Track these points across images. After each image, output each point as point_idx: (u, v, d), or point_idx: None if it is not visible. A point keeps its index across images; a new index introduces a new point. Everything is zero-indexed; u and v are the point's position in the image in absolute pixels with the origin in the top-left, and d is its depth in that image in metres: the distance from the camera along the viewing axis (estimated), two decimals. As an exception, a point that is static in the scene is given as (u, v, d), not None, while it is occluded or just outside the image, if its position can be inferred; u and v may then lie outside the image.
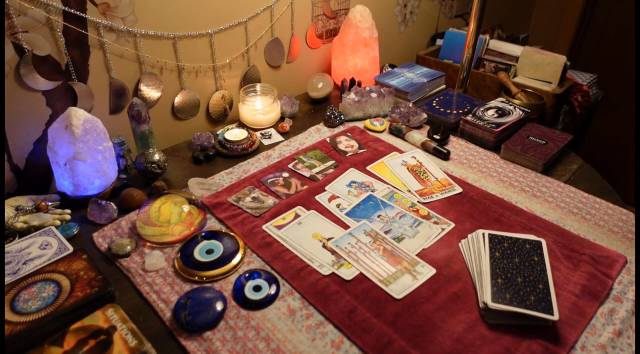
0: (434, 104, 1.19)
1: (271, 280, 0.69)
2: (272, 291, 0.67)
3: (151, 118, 0.95)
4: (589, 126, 2.08)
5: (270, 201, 0.85)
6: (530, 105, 1.25)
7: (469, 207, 0.84)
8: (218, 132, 1.07)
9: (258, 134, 1.09)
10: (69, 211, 0.82)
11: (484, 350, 0.59)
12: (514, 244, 0.71)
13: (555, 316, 0.60)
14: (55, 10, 0.79)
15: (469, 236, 0.76)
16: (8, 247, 0.73)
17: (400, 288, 0.67)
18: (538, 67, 1.38)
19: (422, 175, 0.94)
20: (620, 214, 0.84)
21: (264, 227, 0.79)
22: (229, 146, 1.01)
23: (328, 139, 1.06)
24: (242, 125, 1.13)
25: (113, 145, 0.88)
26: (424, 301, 0.65)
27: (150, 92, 1.00)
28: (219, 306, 0.63)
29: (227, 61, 1.11)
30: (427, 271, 0.70)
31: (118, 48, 0.91)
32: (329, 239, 0.76)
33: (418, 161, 0.98)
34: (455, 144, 1.06)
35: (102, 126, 0.83)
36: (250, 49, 1.14)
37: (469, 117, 1.06)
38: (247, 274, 0.70)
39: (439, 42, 1.63)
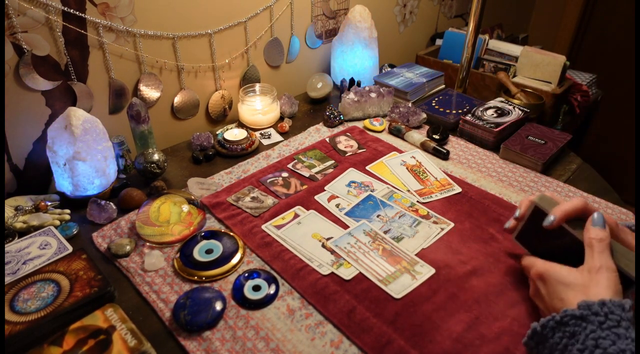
0: (434, 104, 1.19)
1: (270, 280, 0.69)
2: (272, 290, 0.67)
3: (150, 118, 0.95)
4: (588, 126, 2.08)
5: (269, 200, 0.85)
6: (529, 105, 1.25)
7: (469, 207, 0.85)
8: (217, 132, 1.07)
9: (257, 134, 1.09)
10: (68, 211, 0.82)
11: (483, 350, 0.59)
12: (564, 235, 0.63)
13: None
14: (54, 10, 0.80)
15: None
16: (7, 247, 0.73)
17: (400, 287, 0.67)
18: (537, 67, 1.38)
19: (422, 175, 0.94)
20: (620, 213, 0.84)
21: (263, 227, 0.79)
22: (228, 145, 1.01)
23: (327, 139, 1.06)
24: (241, 125, 1.13)
25: (112, 145, 0.88)
26: (423, 301, 0.65)
27: (150, 92, 1.00)
28: (218, 306, 0.63)
29: (227, 61, 1.11)
30: (426, 271, 0.70)
31: (117, 48, 0.91)
32: (328, 239, 0.76)
33: (417, 160, 0.98)
34: (455, 144, 1.06)
35: (101, 126, 0.83)
36: (249, 49, 1.14)
37: (469, 117, 1.06)
38: (246, 274, 0.70)
39: (439, 42, 1.63)
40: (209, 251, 0.73)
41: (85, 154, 0.79)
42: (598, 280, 0.51)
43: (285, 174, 0.94)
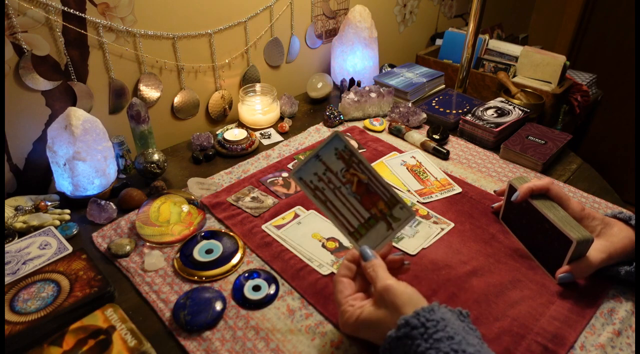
0: (434, 104, 1.19)
1: (270, 280, 0.69)
2: (272, 290, 0.67)
3: (150, 118, 0.95)
4: (588, 125, 2.08)
5: (269, 200, 0.85)
6: (529, 105, 1.25)
7: (469, 207, 0.84)
8: (217, 132, 1.07)
9: (257, 134, 1.09)
10: (68, 211, 0.82)
11: (483, 350, 0.59)
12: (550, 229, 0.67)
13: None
14: (54, 10, 0.79)
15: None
16: (7, 247, 0.73)
17: (372, 241, 0.58)
18: (537, 67, 1.38)
19: (422, 175, 0.94)
20: (620, 213, 0.84)
21: (263, 227, 0.79)
22: (228, 145, 1.01)
23: (327, 139, 1.06)
24: (241, 125, 1.13)
25: (112, 145, 0.88)
26: (423, 301, 0.65)
27: (150, 92, 1.00)
28: (218, 306, 0.63)
29: (227, 61, 1.11)
30: (405, 216, 0.58)
31: (117, 48, 0.91)
32: (328, 239, 0.76)
33: (417, 160, 0.98)
34: (455, 144, 1.06)
35: (101, 126, 0.83)
36: (249, 48, 1.14)
37: (469, 117, 1.06)
38: (246, 274, 0.70)
39: (439, 42, 1.63)
40: (209, 251, 0.73)
41: (85, 154, 0.79)
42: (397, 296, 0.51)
43: (285, 174, 0.93)
